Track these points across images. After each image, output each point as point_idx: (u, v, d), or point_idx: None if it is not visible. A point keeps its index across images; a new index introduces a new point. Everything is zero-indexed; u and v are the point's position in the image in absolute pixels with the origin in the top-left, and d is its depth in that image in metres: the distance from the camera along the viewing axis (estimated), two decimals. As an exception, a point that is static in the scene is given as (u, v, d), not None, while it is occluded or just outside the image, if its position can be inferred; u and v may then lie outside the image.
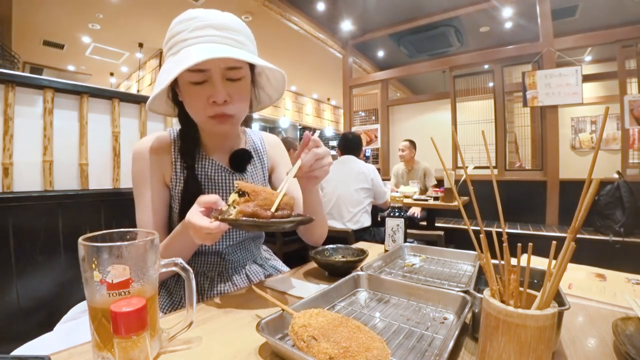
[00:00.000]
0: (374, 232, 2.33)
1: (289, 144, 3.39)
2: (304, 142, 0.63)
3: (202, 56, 0.56)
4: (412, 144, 3.36)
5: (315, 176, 0.64)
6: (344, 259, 0.80)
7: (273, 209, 0.56)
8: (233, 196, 0.58)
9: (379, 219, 2.82)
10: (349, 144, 2.39)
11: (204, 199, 0.58)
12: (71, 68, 6.38)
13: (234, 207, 0.56)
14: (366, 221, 2.26)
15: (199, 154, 0.76)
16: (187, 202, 0.70)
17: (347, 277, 0.64)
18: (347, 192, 2.21)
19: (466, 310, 0.49)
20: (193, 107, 0.67)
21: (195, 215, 0.55)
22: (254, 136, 0.88)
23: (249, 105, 0.75)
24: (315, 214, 0.77)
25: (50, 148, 1.25)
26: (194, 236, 0.56)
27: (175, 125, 0.80)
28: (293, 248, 2.42)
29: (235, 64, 0.64)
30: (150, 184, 0.72)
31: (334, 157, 3.01)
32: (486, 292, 0.36)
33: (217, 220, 0.54)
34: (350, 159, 2.33)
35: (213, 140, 0.77)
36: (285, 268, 0.91)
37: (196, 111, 0.67)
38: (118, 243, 0.39)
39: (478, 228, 0.38)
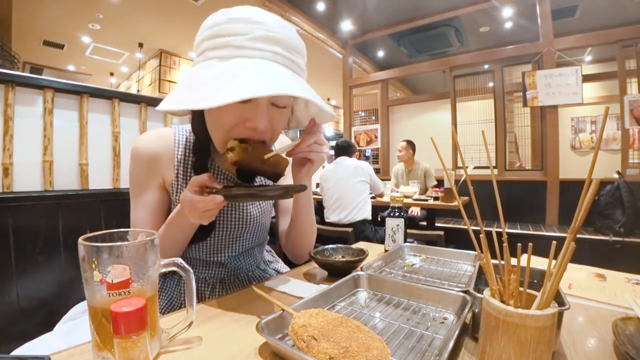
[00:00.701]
0: (375, 229, 2.37)
1: None
2: (310, 125, 0.60)
3: (267, 90, 0.46)
4: (410, 144, 3.36)
5: (310, 159, 0.61)
6: (344, 259, 0.79)
7: (265, 157, 0.56)
8: (232, 142, 0.55)
9: (379, 219, 2.83)
10: (340, 148, 2.59)
11: (196, 179, 0.55)
12: (71, 68, 6.37)
13: (231, 151, 0.55)
14: (367, 210, 2.41)
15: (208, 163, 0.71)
16: None
17: (347, 277, 0.64)
18: (349, 184, 2.38)
19: (466, 310, 0.49)
20: (222, 125, 0.57)
21: (188, 193, 0.54)
22: None
23: None
24: (304, 217, 0.74)
25: (50, 148, 1.25)
26: (190, 215, 0.55)
27: (176, 123, 0.78)
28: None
29: None
30: (147, 186, 0.68)
31: (330, 159, 3.06)
32: (486, 292, 0.36)
33: (209, 194, 0.52)
34: (344, 158, 2.52)
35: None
36: (285, 269, 0.90)
37: (223, 129, 0.57)
38: (118, 243, 0.39)
39: (478, 228, 0.38)
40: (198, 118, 0.64)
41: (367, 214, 2.39)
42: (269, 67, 0.51)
